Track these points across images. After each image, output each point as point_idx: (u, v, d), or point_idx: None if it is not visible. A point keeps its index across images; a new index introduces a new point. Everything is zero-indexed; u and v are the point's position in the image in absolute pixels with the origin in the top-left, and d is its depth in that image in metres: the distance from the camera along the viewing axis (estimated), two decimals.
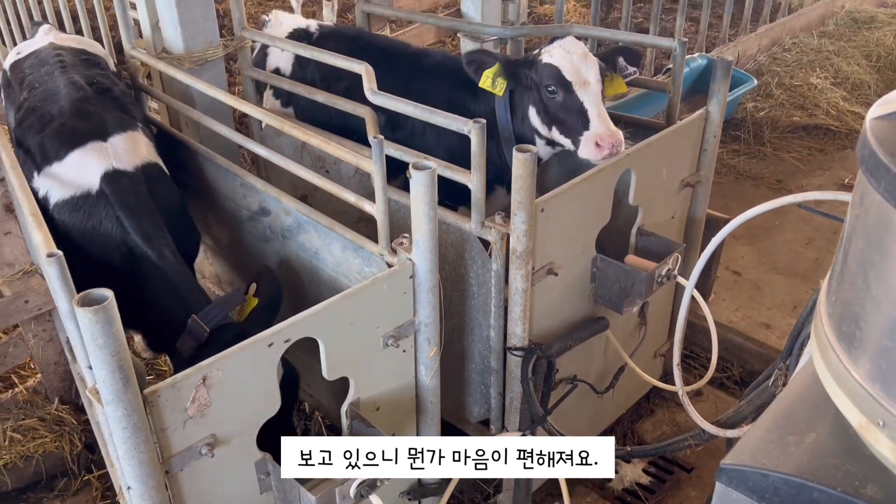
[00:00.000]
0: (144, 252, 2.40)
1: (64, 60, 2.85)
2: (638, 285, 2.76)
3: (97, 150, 2.53)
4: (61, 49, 2.97)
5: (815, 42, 6.95)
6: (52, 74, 2.75)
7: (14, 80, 2.89)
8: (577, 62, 2.88)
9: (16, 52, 3.02)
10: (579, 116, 2.83)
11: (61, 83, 2.70)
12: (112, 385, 1.59)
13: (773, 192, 5.25)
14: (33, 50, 2.98)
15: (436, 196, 2.12)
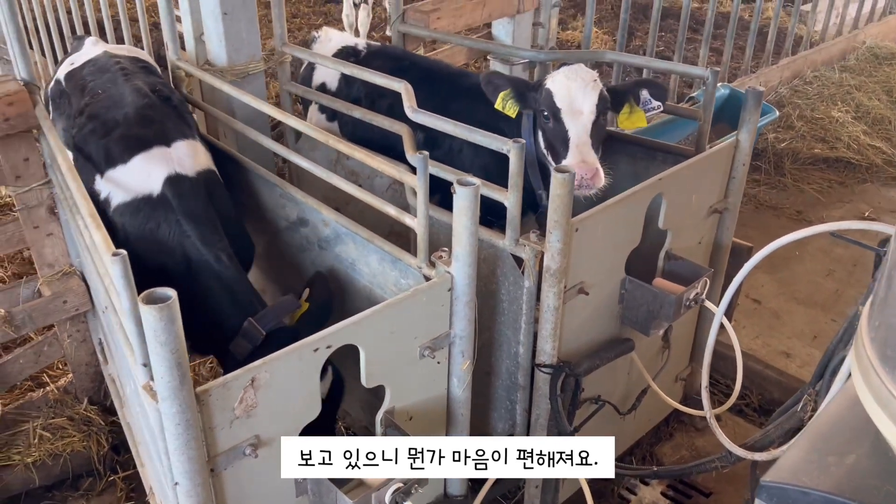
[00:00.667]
0: (202, 255, 2.46)
1: (125, 68, 2.93)
2: (666, 308, 2.81)
3: (161, 155, 2.60)
4: (118, 57, 3.05)
5: (836, 76, 7.02)
6: (116, 81, 2.83)
7: (72, 89, 2.96)
8: (574, 89, 2.91)
9: (69, 63, 3.10)
10: (562, 145, 2.89)
11: (126, 90, 2.78)
12: (169, 382, 1.64)
13: (793, 222, 5.29)
14: (88, 59, 3.07)
15: (478, 211, 2.18)
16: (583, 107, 2.90)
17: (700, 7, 8.74)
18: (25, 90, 2.68)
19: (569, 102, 2.90)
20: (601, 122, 2.95)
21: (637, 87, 3.06)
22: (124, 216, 2.52)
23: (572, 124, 2.89)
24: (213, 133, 3.54)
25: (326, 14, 9.45)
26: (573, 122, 2.89)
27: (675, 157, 3.24)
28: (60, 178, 2.61)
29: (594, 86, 2.93)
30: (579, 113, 2.90)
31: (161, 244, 2.49)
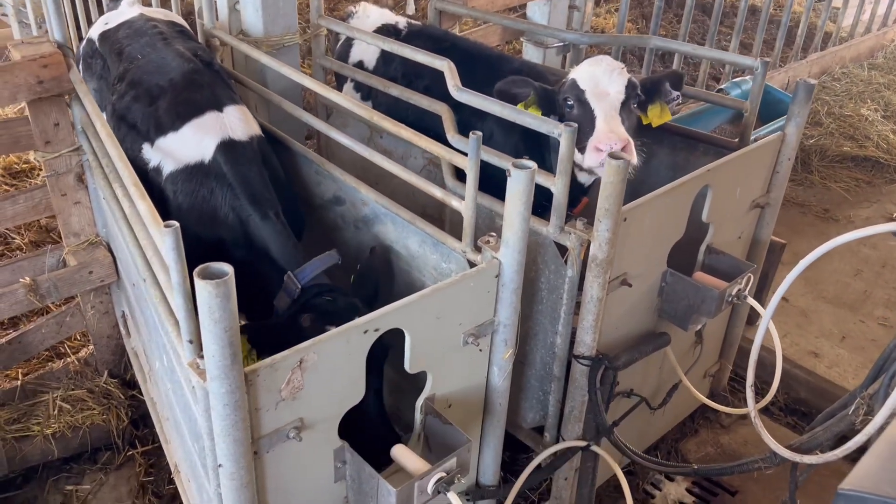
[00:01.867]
0: (251, 215, 2.40)
1: (163, 32, 2.85)
2: (707, 303, 2.74)
3: (213, 121, 2.53)
4: (155, 21, 2.96)
5: (864, 73, 6.92)
6: (155, 46, 2.74)
7: (107, 51, 2.88)
8: (599, 73, 2.81)
9: (103, 23, 3.01)
10: (589, 125, 2.76)
11: (169, 55, 2.69)
12: (221, 361, 1.58)
13: (820, 220, 5.22)
14: (124, 20, 2.97)
15: (532, 196, 2.11)
16: (609, 88, 2.80)
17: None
18: (60, 52, 2.60)
19: (594, 85, 2.80)
20: (630, 106, 2.84)
21: (660, 81, 2.95)
22: (176, 184, 2.46)
23: (598, 104, 2.78)
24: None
25: None
26: (599, 102, 2.78)
27: (716, 149, 3.17)
28: (97, 144, 2.53)
29: (620, 72, 2.83)
30: (605, 94, 2.79)
31: (213, 211, 2.43)
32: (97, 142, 2.47)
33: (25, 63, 2.52)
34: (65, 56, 2.64)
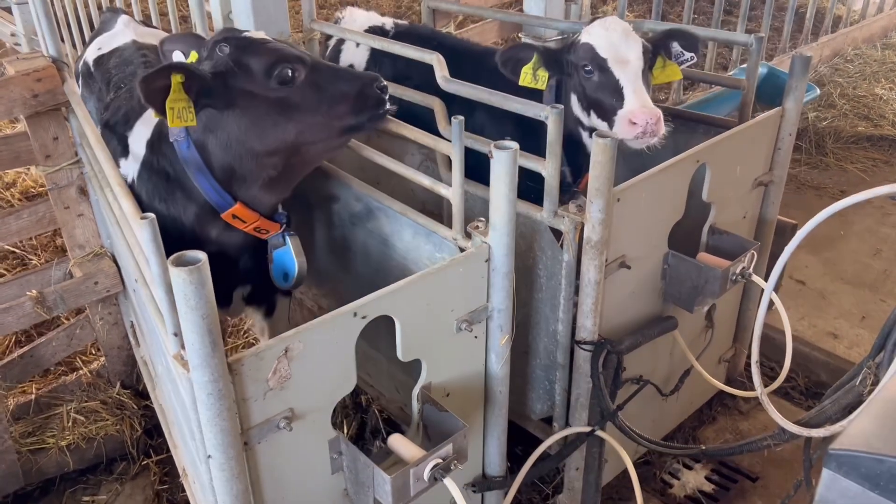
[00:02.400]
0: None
1: (150, 61, 2.87)
2: (711, 283, 2.69)
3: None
4: (144, 48, 2.97)
5: (878, 53, 6.80)
6: (136, 74, 2.76)
7: (99, 77, 2.90)
8: (616, 39, 2.75)
9: (97, 48, 3.03)
10: (615, 95, 2.70)
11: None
12: (201, 349, 1.58)
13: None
14: (116, 46, 2.99)
15: (516, 178, 2.09)
16: (629, 55, 2.73)
17: None
18: (53, 66, 2.65)
19: (614, 52, 2.73)
20: (647, 72, 2.78)
21: (668, 38, 2.86)
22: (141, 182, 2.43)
23: (623, 72, 2.70)
24: None
25: (354, 1, 9.40)
26: (623, 71, 2.70)
27: (717, 130, 3.12)
28: (90, 153, 2.57)
29: (635, 36, 2.78)
30: (626, 61, 2.72)
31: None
32: (90, 150, 2.51)
33: (19, 78, 2.58)
34: (59, 69, 2.69)
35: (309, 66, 2.23)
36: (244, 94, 2.17)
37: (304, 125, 2.21)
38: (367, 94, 2.26)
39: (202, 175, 2.25)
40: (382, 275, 2.78)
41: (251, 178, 2.29)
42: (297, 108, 2.19)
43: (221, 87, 2.14)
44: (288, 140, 2.22)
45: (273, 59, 2.17)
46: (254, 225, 2.38)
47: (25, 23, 5.82)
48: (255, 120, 2.18)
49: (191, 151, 2.23)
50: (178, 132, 2.20)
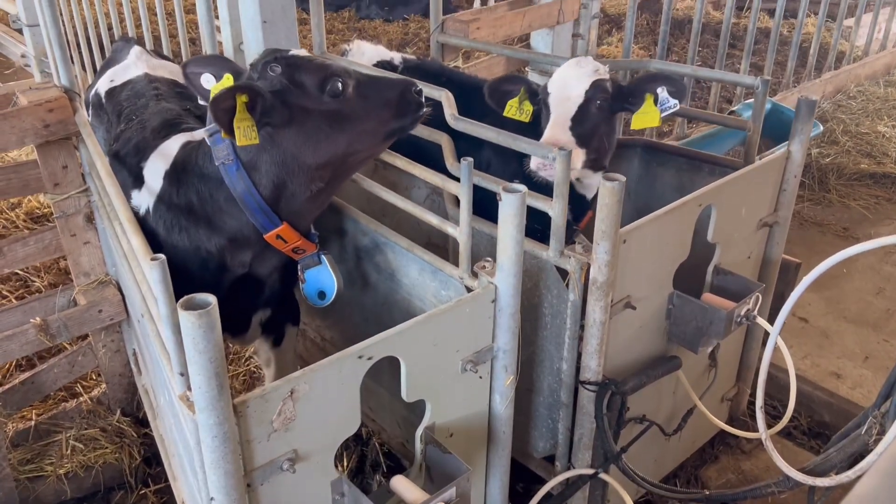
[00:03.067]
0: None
1: (161, 93, 2.89)
2: (716, 324, 2.69)
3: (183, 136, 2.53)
4: (156, 81, 3.00)
5: (881, 91, 6.85)
6: (147, 106, 2.79)
7: (110, 109, 2.92)
8: (568, 75, 2.81)
9: (109, 80, 3.05)
10: (543, 129, 2.78)
11: (156, 111, 2.74)
12: (207, 392, 1.58)
13: (839, 239, 5.13)
14: (128, 79, 3.01)
15: (524, 220, 2.10)
16: (571, 92, 2.78)
17: (738, 22, 8.62)
18: (66, 97, 2.67)
19: (560, 87, 2.80)
20: (594, 110, 2.77)
21: (653, 83, 2.85)
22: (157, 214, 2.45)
23: (556, 108, 2.77)
24: None
25: (360, 30, 9.49)
26: (558, 107, 2.77)
27: (722, 170, 3.14)
28: (99, 184, 2.58)
29: (592, 74, 2.80)
30: (567, 98, 2.78)
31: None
32: (99, 181, 2.52)
33: (31, 108, 2.60)
34: (71, 100, 2.71)
35: (355, 78, 2.32)
36: (300, 110, 2.24)
37: (355, 134, 2.31)
38: (407, 98, 2.37)
39: (250, 197, 2.29)
40: (388, 309, 2.78)
41: (300, 193, 2.33)
42: (349, 119, 2.28)
43: (279, 104, 2.20)
44: (339, 150, 2.30)
45: (325, 74, 2.25)
46: (294, 245, 2.43)
47: (36, 45, 5.88)
48: (310, 134, 2.26)
49: (240, 173, 2.27)
50: (227, 155, 2.25)
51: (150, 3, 5.34)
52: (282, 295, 2.77)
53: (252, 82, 2.22)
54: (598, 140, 2.81)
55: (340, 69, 2.30)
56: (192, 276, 2.44)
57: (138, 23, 5.29)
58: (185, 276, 2.40)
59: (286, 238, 2.39)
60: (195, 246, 2.42)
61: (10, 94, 2.72)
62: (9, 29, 7.85)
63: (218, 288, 2.46)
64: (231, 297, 2.53)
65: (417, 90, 2.38)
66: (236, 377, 3.80)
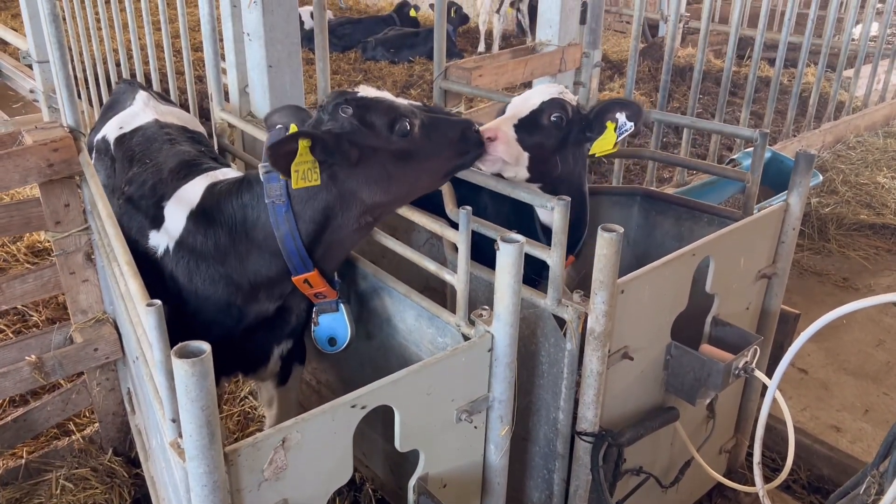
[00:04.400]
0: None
1: (174, 137, 2.95)
2: (714, 376, 2.68)
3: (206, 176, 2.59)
4: (167, 126, 3.06)
5: (880, 142, 6.91)
6: (161, 150, 2.84)
7: (120, 156, 2.97)
8: (531, 93, 2.87)
9: (118, 127, 3.10)
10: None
11: (172, 153, 2.79)
12: (198, 440, 1.57)
13: (839, 289, 5.12)
14: (138, 126, 3.06)
15: (521, 269, 2.10)
16: (528, 101, 2.81)
17: (738, 70, 8.74)
18: (70, 137, 2.70)
19: (520, 99, 2.86)
20: (545, 121, 2.77)
21: (612, 110, 2.83)
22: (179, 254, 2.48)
23: (510, 110, 2.81)
24: None
25: (366, 71, 9.63)
26: (511, 109, 2.81)
27: (721, 220, 3.16)
28: (99, 224, 2.59)
29: (551, 91, 2.84)
30: (522, 104, 2.81)
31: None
32: (100, 221, 2.53)
33: (36, 147, 2.62)
34: (75, 139, 2.73)
35: (421, 117, 2.39)
36: (370, 150, 2.31)
37: (420, 171, 2.39)
38: (467, 136, 2.44)
39: (290, 239, 2.34)
40: (384, 354, 2.77)
41: (346, 226, 2.38)
42: (416, 157, 2.36)
43: (347, 145, 2.27)
44: (404, 188, 2.38)
45: (395, 115, 2.32)
46: (317, 290, 2.48)
47: (45, 81, 5.97)
48: (378, 172, 2.32)
49: (287, 215, 2.32)
50: (279, 196, 2.31)
51: (157, 40, 5.43)
52: (304, 327, 2.79)
53: (311, 129, 2.28)
54: (545, 153, 2.78)
55: (408, 109, 2.37)
56: (215, 313, 2.49)
57: (146, 59, 5.38)
58: (208, 313, 2.48)
59: (313, 283, 2.44)
60: (222, 283, 2.46)
61: (16, 133, 2.74)
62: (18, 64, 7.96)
63: (241, 322, 2.52)
64: (254, 330, 2.58)
65: (476, 129, 2.45)
66: (230, 417, 3.77)
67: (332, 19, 11.20)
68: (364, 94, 2.41)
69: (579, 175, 2.94)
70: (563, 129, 2.80)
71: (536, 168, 2.76)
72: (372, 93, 3.64)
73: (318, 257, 2.42)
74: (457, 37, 10.95)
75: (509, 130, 2.71)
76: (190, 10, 4.75)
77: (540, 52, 4.43)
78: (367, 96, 2.38)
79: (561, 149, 2.81)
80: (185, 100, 5.11)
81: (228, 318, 2.50)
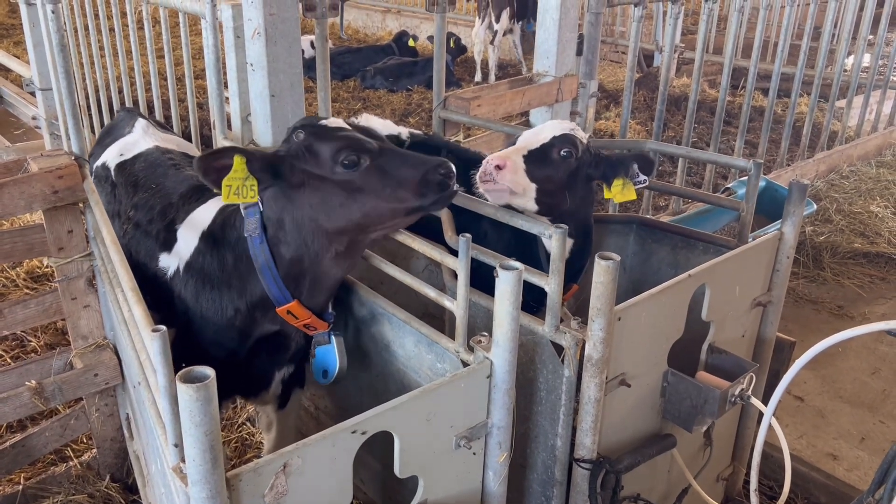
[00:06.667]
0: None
1: (178, 163, 3.01)
2: (710, 403, 2.70)
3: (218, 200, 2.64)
4: (170, 152, 3.12)
5: (872, 171, 7.00)
6: (167, 175, 2.89)
7: (122, 182, 3.02)
8: (543, 126, 2.92)
9: (118, 153, 3.15)
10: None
11: (180, 178, 2.84)
12: (202, 465, 1.58)
13: (834, 317, 5.16)
14: (139, 152, 3.12)
15: (520, 296, 2.13)
16: (540, 135, 2.85)
17: (733, 100, 8.86)
18: (76, 164, 2.74)
19: (532, 132, 2.89)
20: (555, 156, 2.82)
21: (630, 161, 2.92)
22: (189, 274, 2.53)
23: (520, 141, 2.84)
24: None
25: (365, 100, 9.73)
26: (521, 140, 2.84)
27: (716, 248, 3.20)
28: (103, 250, 2.62)
29: (563, 127, 2.88)
30: (534, 137, 2.85)
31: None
32: (104, 247, 2.56)
33: (41, 175, 2.66)
34: (80, 166, 2.78)
35: (376, 153, 2.38)
36: (312, 176, 2.35)
37: (369, 206, 2.37)
38: (429, 179, 2.40)
39: (268, 270, 2.39)
40: (383, 381, 2.79)
41: (322, 254, 2.41)
42: (362, 191, 2.36)
43: (290, 168, 2.32)
44: (353, 219, 2.38)
45: (341, 146, 2.34)
46: (305, 322, 2.51)
47: (48, 108, 6.02)
48: (323, 199, 2.35)
49: (263, 247, 2.37)
50: (254, 228, 2.37)
51: (160, 68, 5.50)
52: (305, 352, 2.81)
53: (248, 148, 2.33)
54: (553, 186, 2.82)
55: (360, 143, 2.37)
56: (220, 332, 2.54)
57: (148, 87, 5.44)
58: (212, 334, 2.53)
59: (296, 314, 2.46)
60: (226, 303, 2.51)
61: (22, 160, 2.78)
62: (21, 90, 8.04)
63: (244, 344, 2.55)
64: (256, 353, 2.62)
65: (445, 171, 2.40)
66: (228, 444, 3.77)
67: (331, 48, 11.33)
68: (363, 122, 2.45)
69: (586, 210, 3.01)
70: (573, 164, 2.85)
71: (544, 201, 2.81)
72: (374, 121, 3.71)
73: (303, 289, 2.45)
74: (455, 66, 11.08)
75: (518, 160, 2.75)
76: (192, 39, 4.82)
77: (537, 82, 4.50)
78: (326, 124, 2.43)
79: (570, 184, 2.87)
80: (185, 127, 5.17)
81: (231, 339, 2.54)
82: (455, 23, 12.40)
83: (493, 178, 2.69)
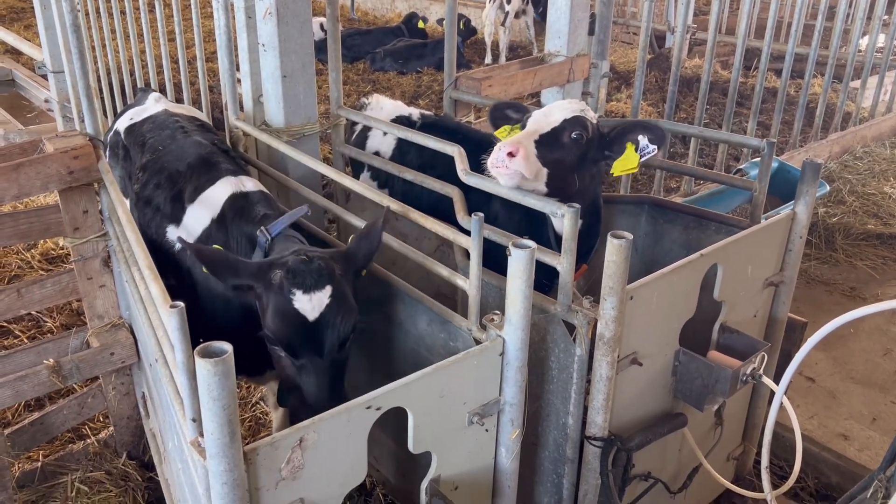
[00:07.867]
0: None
1: (184, 126, 3.03)
2: (721, 383, 2.71)
3: (228, 182, 2.69)
4: (177, 116, 3.15)
5: (886, 152, 6.93)
6: (175, 138, 2.92)
7: (131, 143, 3.06)
8: (553, 106, 2.90)
9: (128, 118, 3.20)
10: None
11: (187, 143, 2.87)
12: (219, 438, 1.61)
13: (846, 298, 5.14)
14: (148, 115, 3.16)
15: (532, 275, 2.14)
16: (551, 117, 2.84)
17: (745, 81, 8.78)
18: (90, 144, 2.76)
19: (542, 113, 2.88)
20: (566, 139, 2.80)
21: (634, 132, 2.86)
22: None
23: (531, 125, 2.84)
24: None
25: (374, 82, 9.70)
26: (532, 124, 2.84)
27: (728, 228, 3.19)
28: (119, 229, 2.65)
29: (577, 111, 2.87)
30: (544, 119, 2.84)
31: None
32: (119, 227, 2.59)
33: (57, 155, 2.68)
34: (95, 147, 2.79)
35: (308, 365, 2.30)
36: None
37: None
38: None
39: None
40: (395, 359, 2.81)
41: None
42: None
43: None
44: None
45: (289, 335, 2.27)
46: None
47: (60, 91, 6.05)
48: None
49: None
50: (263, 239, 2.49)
51: (172, 51, 5.51)
52: None
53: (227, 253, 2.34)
54: (563, 169, 2.81)
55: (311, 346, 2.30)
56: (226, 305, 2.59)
57: (160, 69, 5.46)
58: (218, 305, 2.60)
59: None
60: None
61: (37, 141, 2.80)
62: (33, 73, 8.07)
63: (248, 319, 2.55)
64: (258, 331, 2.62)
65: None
66: (242, 423, 3.81)
67: (341, 30, 11.30)
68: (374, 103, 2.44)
69: (595, 190, 3.00)
70: (583, 146, 2.84)
71: (554, 184, 2.81)
72: (385, 101, 3.71)
73: None
74: (465, 48, 11.03)
75: (530, 146, 2.75)
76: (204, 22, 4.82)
77: (549, 62, 4.49)
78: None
79: (579, 166, 2.85)
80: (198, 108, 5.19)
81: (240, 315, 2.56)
82: (465, 4, 12.32)
83: (506, 165, 2.69)
